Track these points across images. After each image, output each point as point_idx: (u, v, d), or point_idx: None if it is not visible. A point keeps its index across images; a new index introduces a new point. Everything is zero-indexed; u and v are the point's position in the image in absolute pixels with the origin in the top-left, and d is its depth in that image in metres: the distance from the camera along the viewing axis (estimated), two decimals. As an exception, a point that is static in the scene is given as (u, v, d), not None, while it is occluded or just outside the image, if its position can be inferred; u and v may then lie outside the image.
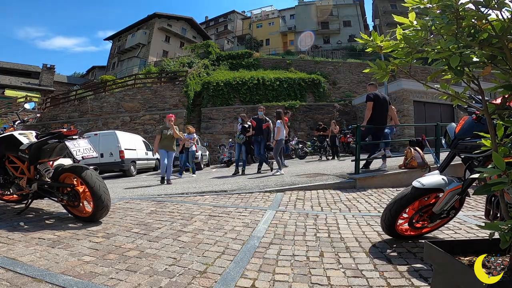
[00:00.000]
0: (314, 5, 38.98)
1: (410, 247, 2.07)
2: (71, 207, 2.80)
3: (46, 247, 2.10)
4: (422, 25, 1.09)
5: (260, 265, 1.81)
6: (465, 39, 1.03)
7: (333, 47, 34.20)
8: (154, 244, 2.18)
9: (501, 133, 1.07)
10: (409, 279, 1.61)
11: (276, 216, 2.98)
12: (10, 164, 3.02)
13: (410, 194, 2.07)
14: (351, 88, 22.99)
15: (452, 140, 2.07)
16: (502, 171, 0.95)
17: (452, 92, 1.21)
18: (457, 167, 4.12)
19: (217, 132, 16.68)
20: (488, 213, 1.92)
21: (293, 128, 16.81)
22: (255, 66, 23.87)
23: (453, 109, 14.41)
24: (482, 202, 3.51)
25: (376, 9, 37.60)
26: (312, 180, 4.87)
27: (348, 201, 3.68)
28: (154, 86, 18.42)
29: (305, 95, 19.13)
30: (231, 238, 2.32)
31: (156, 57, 32.08)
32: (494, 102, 1.23)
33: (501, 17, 1.00)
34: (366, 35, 1.25)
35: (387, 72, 1.23)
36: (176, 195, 4.22)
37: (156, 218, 2.92)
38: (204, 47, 25.58)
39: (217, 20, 47.10)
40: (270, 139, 7.48)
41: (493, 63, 1.09)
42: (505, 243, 1.02)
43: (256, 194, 4.10)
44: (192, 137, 8.49)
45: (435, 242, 1.28)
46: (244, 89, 18.27)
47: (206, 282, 1.59)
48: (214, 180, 6.38)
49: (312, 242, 2.22)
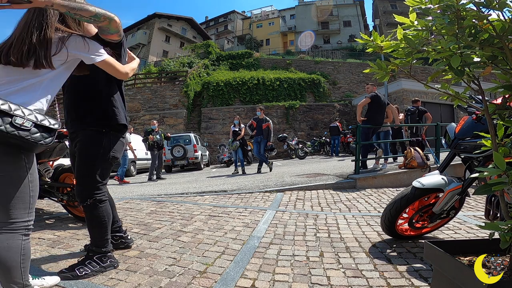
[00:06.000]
0: (314, 5, 38.97)
1: (410, 247, 2.07)
2: (71, 207, 2.80)
3: (46, 247, 2.10)
4: (423, 25, 1.09)
5: (260, 265, 1.81)
6: (465, 39, 1.03)
7: (333, 47, 34.19)
8: (154, 244, 2.18)
9: (501, 133, 1.07)
10: (409, 279, 1.61)
11: (276, 216, 2.98)
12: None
13: (410, 194, 2.07)
14: (351, 88, 22.98)
15: (452, 140, 2.07)
16: (502, 171, 0.95)
17: (452, 92, 1.21)
18: (457, 167, 4.14)
19: (217, 132, 16.67)
20: (488, 213, 1.92)
21: (293, 128, 16.81)
22: (255, 66, 23.85)
23: (453, 109, 14.43)
24: (482, 202, 3.52)
25: (376, 9, 37.62)
26: (312, 180, 4.87)
27: (348, 201, 3.68)
28: (154, 86, 18.40)
29: (305, 95, 19.11)
30: (231, 238, 2.32)
31: (156, 57, 32.06)
32: (494, 102, 1.23)
33: (502, 18, 1.00)
34: (366, 35, 1.25)
35: (387, 72, 1.23)
36: (176, 195, 4.22)
37: (156, 218, 2.92)
38: (204, 47, 25.56)
39: (217, 20, 47.09)
40: (270, 139, 7.52)
41: (493, 63, 1.09)
42: (505, 243, 1.02)
43: (256, 194, 4.10)
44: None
45: (435, 242, 1.28)
46: (244, 89, 18.26)
47: (206, 282, 1.59)
48: (214, 180, 6.38)
49: (312, 242, 2.22)
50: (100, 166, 1.70)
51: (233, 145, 7.66)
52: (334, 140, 12.93)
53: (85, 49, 1.36)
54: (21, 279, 1.23)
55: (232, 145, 7.68)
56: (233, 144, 7.65)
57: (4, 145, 1.17)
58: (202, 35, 39.11)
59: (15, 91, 1.22)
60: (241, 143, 7.74)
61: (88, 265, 1.64)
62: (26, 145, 1.20)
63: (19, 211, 1.22)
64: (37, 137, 1.21)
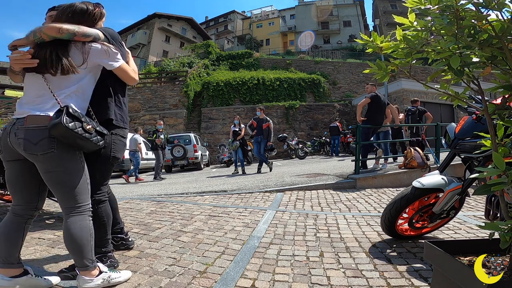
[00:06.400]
0: (314, 5, 38.96)
1: (410, 247, 2.07)
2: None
3: (46, 247, 2.10)
4: (422, 25, 1.09)
5: (260, 265, 1.81)
6: (465, 39, 1.03)
7: (333, 47, 34.17)
8: (154, 244, 2.18)
9: (501, 133, 1.07)
10: (409, 279, 1.61)
11: (276, 216, 2.98)
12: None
13: (410, 194, 2.07)
14: (351, 88, 22.98)
15: (452, 140, 2.07)
16: (502, 171, 0.95)
17: (452, 92, 1.21)
18: (457, 167, 4.14)
19: (217, 132, 16.66)
20: (488, 213, 1.92)
21: (293, 128, 16.80)
22: (255, 66, 23.84)
23: (453, 109, 14.43)
24: (482, 202, 3.52)
25: (376, 9, 37.62)
26: (312, 180, 4.87)
27: (348, 201, 3.68)
28: (154, 86, 18.38)
29: (305, 95, 19.10)
30: (231, 238, 2.32)
31: (156, 57, 32.07)
32: (494, 102, 1.23)
33: (501, 18, 1.00)
34: (366, 36, 1.25)
35: (387, 73, 1.23)
36: (176, 195, 4.22)
37: (156, 218, 2.92)
38: (204, 47, 25.54)
39: (217, 20, 47.08)
40: (270, 139, 7.52)
41: (493, 64, 1.09)
42: (505, 243, 1.02)
43: (256, 194, 4.10)
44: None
45: (435, 242, 1.28)
46: (244, 89, 18.25)
47: (206, 282, 1.59)
48: (214, 180, 6.38)
49: (312, 242, 2.22)
50: (100, 166, 1.70)
51: (233, 145, 7.68)
52: (334, 140, 12.96)
53: (106, 56, 1.52)
54: (91, 256, 1.45)
55: (232, 145, 7.70)
56: (233, 144, 7.67)
57: (68, 145, 1.40)
58: (202, 35, 39.10)
59: (65, 98, 1.42)
60: (241, 143, 7.76)
61: None
62: (89, 145, 1.46)
63: (83, 196, 1.47)
64: (98, 139, 1.48)
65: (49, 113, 1.37)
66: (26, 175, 1.46)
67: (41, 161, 1.38)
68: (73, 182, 1.43)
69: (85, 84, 1.50)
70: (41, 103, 1.40)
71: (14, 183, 1.47)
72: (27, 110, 1.39)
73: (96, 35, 1.49)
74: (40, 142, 1.34)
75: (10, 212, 1.48)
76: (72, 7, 1.51)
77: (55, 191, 1.43)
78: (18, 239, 1.45)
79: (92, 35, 1.47)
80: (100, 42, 1.51)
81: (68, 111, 1.35)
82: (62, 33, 1.37)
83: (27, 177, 1.47)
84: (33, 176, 1.46)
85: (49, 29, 1.37)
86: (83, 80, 1.48)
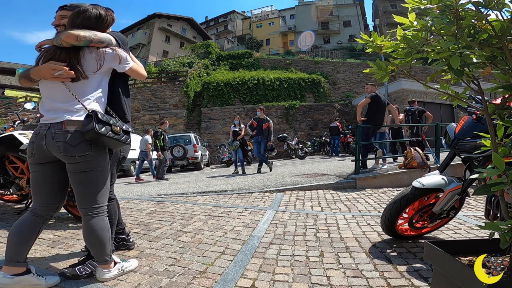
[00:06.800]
0: (314, 5, 38.95)
1: (410, 247, 2.07)
2: (71, 207, 2.80)
3: (46, 247, 2.10)
4: (422, 25, 1.09)
5: (260, 265, 1.81)
6: (465, 39, 1.03)
7: (333, 47, 34.17)
8: (154, 244, 2.18)
9: (501, 133, 1.07)
10: (409, 279, 1.61)
11: (276, 216, 2.98)
12: (10, 164, 3.02)
13: (410, 194, 2.07)
14: (351, 88, 22.97)
15: (452, 140, 2.07)
16: (502, 171, 0.95)
17: (452, 92, 1.21)
18: (457, 167, 4.14)
19: (217, 132, 16.66)
20: (488, 213, 1.92)
21: (293, 128, 16.80)
22: (255, 66, 23.83)
23: (453, 109, 14.43)
24: (482, 202, 3.52)
25: (376, 9, 37.62)
26: (312, 180, 4.87)
27: (348, 201, 3.68)
28: (154, 86, 18.39)
29: (305, 95, 19.10)
30: (231, 238, 2.32)
31: (156, 57, 32.06)
32: (494, 102, 1.23)
33: (501, 18, 1.00)
34: (366, 35, 1.25)
35: (387, 73, 1.23)
36: (176, 195, 4.22)
37: (156, 218, 2.92)
38: (204, 47, 25.54)
39: (217, 20, 47.07)
40: (270, 139, 7.52)
41: (493, 64, 1.09)
42: (505, 243, 1.02)
43: (256, 194, 4.10)
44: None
45: (435, 242, 1.28)
46: (244, 89, 18.25)
47: (206, 282, 1.59)
48: (214, 180, 6.38)
49: (312, 242, 2.22)
50: (112, 166, 1.74)
51: (233, 145, 7.69)
52: (334, 140, 12.96)
53: (118, 60, 1.58)
54: (110, 251, 1.58)
55: (232, 145, 7.70)
56: (233, 144, 7.67)
57: (100, 146, 1.51)
58: (202, 35, 39.10)
59: (88, 101, 1.51)
60: (241, 143, 7.76)
61: (88, 264, 1.64)
62: (119, 145, 1.58)
63: (104, 197, 1.57)
64: (126, 138, 1.59)
65: (81, 118, 1.47)
66: (55, 176, 1.55)
67: (78, 162, 1.47)
68: (102, 181, 1.54)
69: (103, 87, 1.59)
70: (71, 107, 1.48)
71: (42, 185, 1.54)
72: (61, 115, 1.47)
73: (109, 40, 1.55)
74: (79, 145, 1.45)
75: (29, 212, 1.52)
76: (86, 12, 1.53)
77: (81, 190, 1.51)
78: (31, 239, 1.49)
79: (106, 41, 1.54)
80: (111, 47, 1.56)
81: (98, 117, 1.45)
82: (80, 40, 1.44)
83: (55, 179, 1.55)
84: (60, 177, 1.55)
85: (68, 37, 1.43)
86: (101, 83, 1.57)
